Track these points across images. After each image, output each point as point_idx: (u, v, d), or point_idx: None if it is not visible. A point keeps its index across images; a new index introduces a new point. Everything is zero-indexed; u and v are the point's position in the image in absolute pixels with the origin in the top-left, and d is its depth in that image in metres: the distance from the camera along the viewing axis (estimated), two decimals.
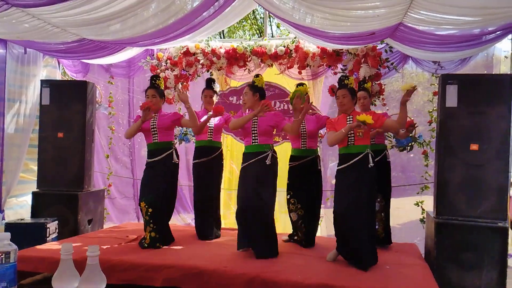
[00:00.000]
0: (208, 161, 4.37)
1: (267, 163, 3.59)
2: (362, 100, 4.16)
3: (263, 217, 3.55)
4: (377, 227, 3.95)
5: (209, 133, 4.40)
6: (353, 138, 3.38)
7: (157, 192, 3.82)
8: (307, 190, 4.03)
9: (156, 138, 3.95)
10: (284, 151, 4.89)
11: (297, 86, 4.14)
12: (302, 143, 4.09)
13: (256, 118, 3.68)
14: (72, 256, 1.39)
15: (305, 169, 4.06)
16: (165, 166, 3.91)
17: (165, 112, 4.09)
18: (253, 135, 3.69)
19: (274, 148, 3.78)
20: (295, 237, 4.15)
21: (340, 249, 3.40)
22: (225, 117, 4.45)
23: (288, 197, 4.11)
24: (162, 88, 4.13)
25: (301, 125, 4.06)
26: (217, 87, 4.52)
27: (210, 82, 4.51)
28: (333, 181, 3.73)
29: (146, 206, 3.79)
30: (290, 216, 4.12)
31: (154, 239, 3.75)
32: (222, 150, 4.51)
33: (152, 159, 3.92)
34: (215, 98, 4.52)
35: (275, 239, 3.61)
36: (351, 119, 3.46)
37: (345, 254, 3.37)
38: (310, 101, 5.18)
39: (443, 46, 4.09)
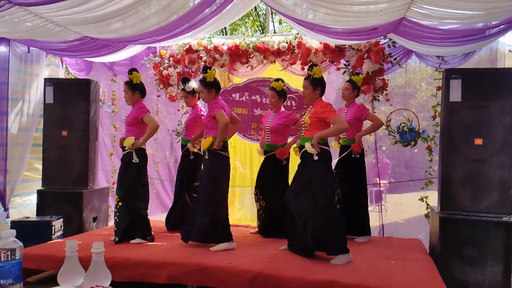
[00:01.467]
0: (182, 158, 4.54)
1: (205, 157, 3.73)
2: (344, 91, 4.19)
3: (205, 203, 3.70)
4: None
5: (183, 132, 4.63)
6: (304, 130, 3.45)
7: (123, 188, 3.90)
8: (270, 183, 4.19)
9: (125, 133, 4.02)
10: None
11: (274, 81, 4.22)
12: (267, 138, 4.22)
13: None
14: (77, 253, 1.39)
15: (269, 163, 4.21)
16: (127, 163, 3.94)
17: (142, 106, 4.00)
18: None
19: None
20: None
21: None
22: (195, 113, 4.49)
23: (255, 189, 4.33)
24: (137, 81, 4.00)
25: (268, 120, 4.26)
26: (189, 86, 4.46)
27: (182, 83, 4.52)
28: None
29: (117, 199, 3.90)
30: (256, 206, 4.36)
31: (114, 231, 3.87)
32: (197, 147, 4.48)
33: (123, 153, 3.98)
34: (199, 95, 4.48)
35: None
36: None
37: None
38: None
39: (446, 41, 4.07)
